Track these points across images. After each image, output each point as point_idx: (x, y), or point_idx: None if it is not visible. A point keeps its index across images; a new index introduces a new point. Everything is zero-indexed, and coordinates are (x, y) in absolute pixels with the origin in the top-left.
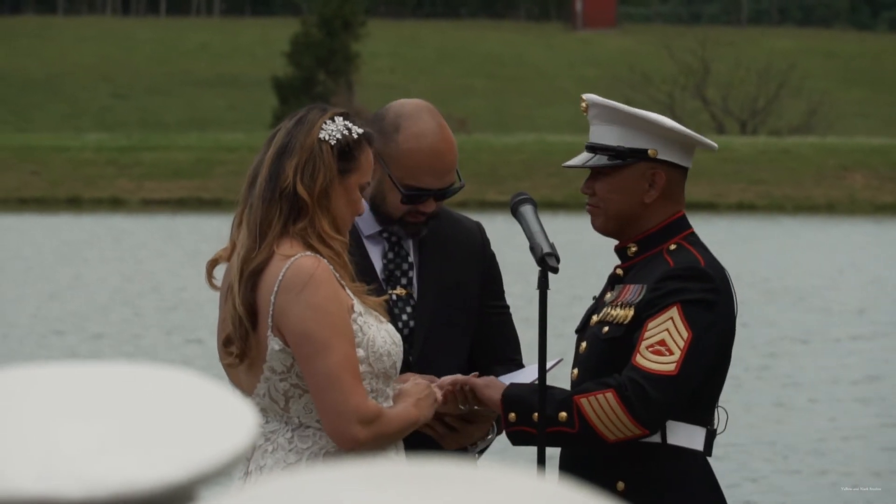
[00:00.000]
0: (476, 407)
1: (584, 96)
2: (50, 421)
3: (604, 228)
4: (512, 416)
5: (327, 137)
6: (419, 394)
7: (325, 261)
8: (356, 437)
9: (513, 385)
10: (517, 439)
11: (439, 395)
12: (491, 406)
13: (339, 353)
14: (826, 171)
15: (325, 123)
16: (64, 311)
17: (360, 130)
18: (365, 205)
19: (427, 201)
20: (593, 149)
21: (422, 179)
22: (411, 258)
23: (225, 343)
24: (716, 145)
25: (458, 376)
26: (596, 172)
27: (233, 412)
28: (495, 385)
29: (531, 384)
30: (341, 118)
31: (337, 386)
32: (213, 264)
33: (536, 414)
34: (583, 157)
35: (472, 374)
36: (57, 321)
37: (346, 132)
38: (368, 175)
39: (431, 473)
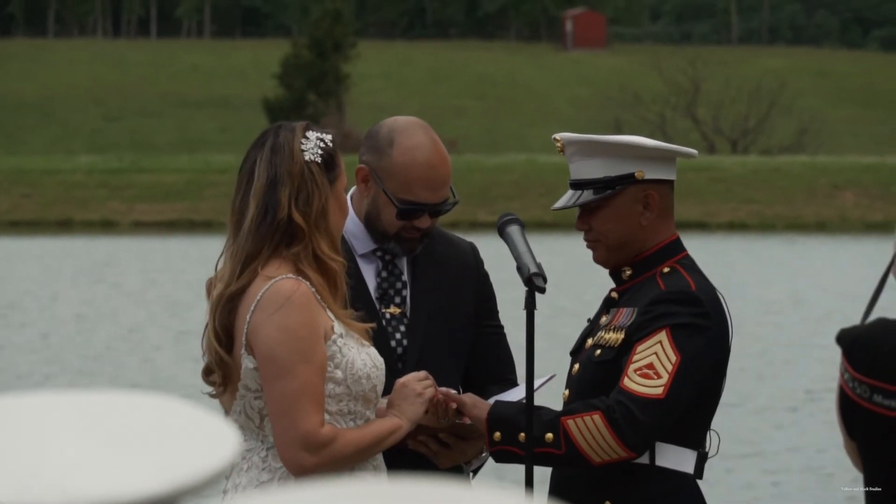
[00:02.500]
0: (456, 421)
1: (558, 136)
2: (37, 440)
3: (606, 260)
4: (497, 435)
5: (312, 157)
6: (401, 399)
7: (307, 284)
8: (301, 463)
9: (498, 403)
10: (501, 458)
11: (428, 392)
12: (477, 424)
13: (299, 379)
14: (817, 189)
15: (303, 143)
16: (88, 336)
17: (329, 136)
18: (360, 224)
19: (422, 216)
20: (579, 185)
21: (416, 193)
22: (405, 277)
23: (206, 372)
24: (695, 152)
25: (451, 392)
26: (588, 208)
27: (214, 432)
28: (481, 405)
29: (517, 403)
30: (311, 131)
31: (290, 411)
32: (212, 283)
33: (522, 434)
34: (570, 196)
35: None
36: (85, 346)
37: (322, 144)
38: (344, 174)
39: (407, 493)
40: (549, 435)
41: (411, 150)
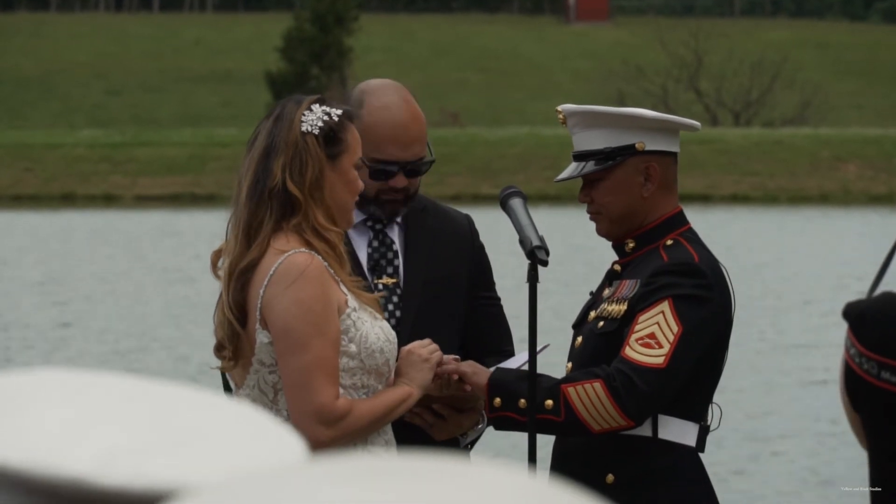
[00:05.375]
0: (453, 393)
1: (560, 108)
2: (98, 423)
3: (608, 233)
4: (497, 401)
5: (310, 129)
6: (409, 366)
7: (320, 257)
8: (317, 437)
9: (499, 370)
10: (501, 425)
11: (434, 357)
12: (477, 391)
13: (314, 353)
14: (820, 162)
15: (305, 115)
16: (128, 315)
17: (340, 111)
18: None
19: (397, 176)
20: (581, 157)
21: (385, 151)
22: (396, 247)
23: (217, 348)
24: (698, 124)
25: (451, 363)
26: (590, 179)
27: (279, 438)
28: (481, 371)
29: (518, 370)
30: (318, 105)
31: (306, 385)
32: (216, 255)
33: (523, 400)
34: (572, 168)
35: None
36: (125, 328)
37: (326, 118)
38: (359, 151)
39: (412, 469)
40: (549, 402)
41: (379, 110)
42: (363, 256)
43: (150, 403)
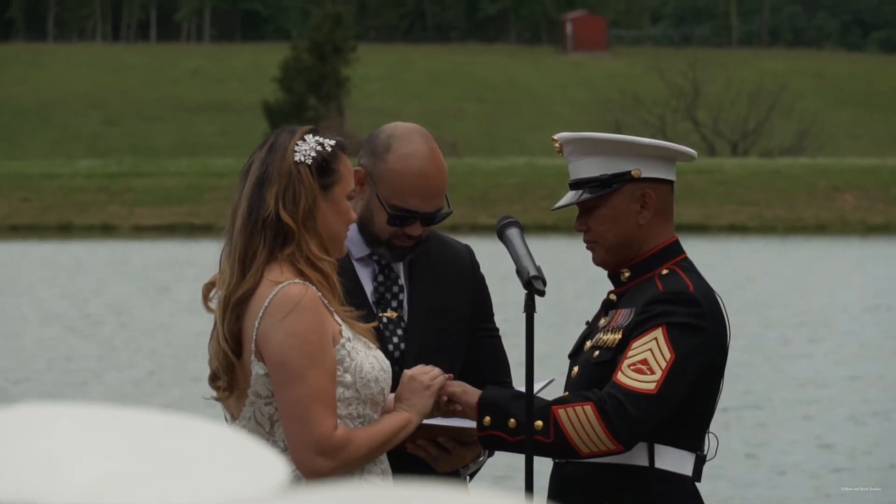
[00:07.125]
0: (442, 414)
1: (556, 136)
2: (70, 451)
3: (604, 261)
4: (487, 419)
5: (303, 158)
6: (409, 392)
7: (314, 288)
8: (316, 468)
9: (490, 388)
10: (489, 444)
11: (435, 384)
12: (467, 410)
13: (311, 384)
14: (817, 192)
15: (298, 144)
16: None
17: (332, 142)
18: (354, 228)
19: (413, 224)
20: (577, 185)
21: (408, 200)
22: (401, 281)
23: (212, 378)
24: (694, 152)
25: (443, 385)
26: (586, 207)
27: (261, 461)
28: (471, 391)
29: (508, 389)
30: (311, 135)
31: (304, 417)
32: (208, 288)
33: (513, 420)
34: (569, 196)
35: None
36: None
37: (319, 148)
38: (351, 182)
39: (410, 498)
40: (539, 423)
41: (406, 158)
42: (369, 290)
43: (135, 432)
